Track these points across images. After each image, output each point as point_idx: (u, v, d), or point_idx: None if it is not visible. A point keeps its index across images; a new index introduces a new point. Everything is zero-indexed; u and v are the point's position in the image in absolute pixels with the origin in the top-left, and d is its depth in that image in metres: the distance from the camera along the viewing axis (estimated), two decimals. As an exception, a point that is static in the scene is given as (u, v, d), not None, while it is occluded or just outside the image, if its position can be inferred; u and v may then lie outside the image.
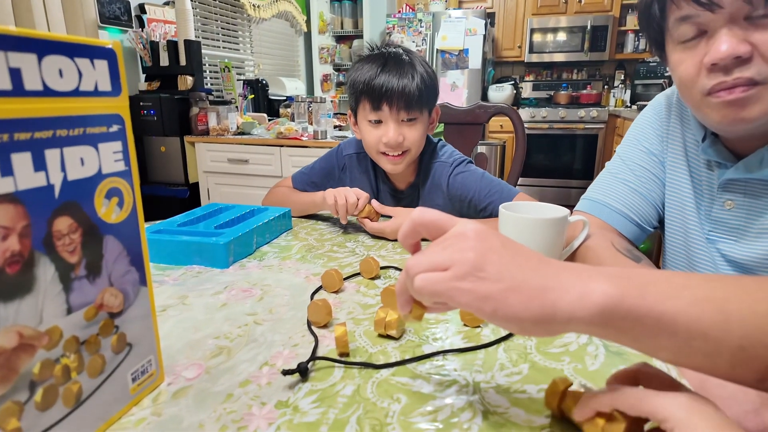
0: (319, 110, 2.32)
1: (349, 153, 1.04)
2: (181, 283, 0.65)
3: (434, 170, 0.96)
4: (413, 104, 0.87)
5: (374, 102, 0.88)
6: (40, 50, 0.29)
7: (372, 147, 0.92)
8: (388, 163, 0.92)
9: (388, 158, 0.92)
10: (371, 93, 0.87)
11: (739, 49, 0.49)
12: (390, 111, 0.88)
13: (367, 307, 0.58)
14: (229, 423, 0.37)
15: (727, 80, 0.51)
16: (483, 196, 0.90)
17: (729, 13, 0.49)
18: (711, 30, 0.51)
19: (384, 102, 0.87)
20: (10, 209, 0.28)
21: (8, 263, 0.28)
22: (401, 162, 0.92)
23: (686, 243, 0.66)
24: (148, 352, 0.41)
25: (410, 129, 0.90)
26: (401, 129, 0.89)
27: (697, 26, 0.52)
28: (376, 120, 0.90)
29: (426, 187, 0.97)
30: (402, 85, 0.86)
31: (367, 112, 0.90)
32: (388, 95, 0.86)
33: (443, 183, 0.95)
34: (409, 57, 0.90)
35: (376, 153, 0.93)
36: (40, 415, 0.31)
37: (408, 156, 0.92)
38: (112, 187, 0.35)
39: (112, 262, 0.36)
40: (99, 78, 0.34)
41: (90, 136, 0.33)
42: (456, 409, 0.39)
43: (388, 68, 0.87)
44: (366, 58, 0.91)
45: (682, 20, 0.53)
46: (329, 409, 0.39)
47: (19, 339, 0.29)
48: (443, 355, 0.47)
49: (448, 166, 0.95)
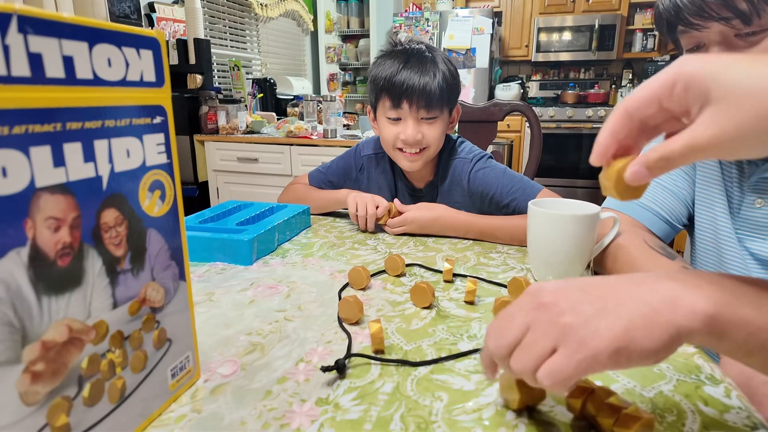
0: (328, 109, 2.31)
1: (367, 153, 1.02)
2: (206, 280, 0.64)
3: (454, 167, 0.95)
4: (434, 103, 0.86)
5: (394, 99, 0.86)
6: (91, 38, 0.29)
7: (389, 143, 0.91)
8: (405, 160, 0.91)
9: (405, 155, 0.90)
10: (391, 90, 0.86)
11: None
12: (410, 109, 0.86)
13: (396, 304, 0.57)
14: (271, 420, 0.37)
15: None
16: (505, 192, 0.88)
17: (718, 32, 0.53)
18: (707, 45, 0.55)
19: (404, 100, 0.86)
20: (61, 200, 0.27)
21: (60, 255, 0.28)
22: (419, 159, 0.91)
23: (716, 241, 0.65)
24: (186, 348, 0.40)
25: (430, 127, 0.89)
26: (420, 127, 0.88)
27: (695, 40, 0.56)
28: (395, 117, 0.89)
29: (445, 185, 0.96)
30: (423, 83, 0.84)
31: (386, 108, 0.89)
32: (409, 93, 0.85)
33: (464, 179, 0.93)
34: (431, 54, 0.88)
35: (393, 149, 0.92)
36: (87, 410, 0.30)
37: (426, 154, 0.90)
38: (155, 180, 0.35)
39: (154, 256, 0.35)
40: (144, 68, 0.33)
41: (136, 127, 0.33)
42: (500, 407, 0.38)
43: (410, 65, 0.85)
44: (388, 54, 0.90)
45: (682, 33, 0.57)
46: (371, 406, 0.38)
47: (69, 333, 0.29)
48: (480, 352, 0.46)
49: (468, 162, 0.94)
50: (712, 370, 0.43)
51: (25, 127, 0.25)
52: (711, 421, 0.36)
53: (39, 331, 0.27)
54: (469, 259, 0.73)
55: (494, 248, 0.79)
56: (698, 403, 0.38)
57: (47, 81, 0.26)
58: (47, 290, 0.27)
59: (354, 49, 4.31)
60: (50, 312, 0.27)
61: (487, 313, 0.54)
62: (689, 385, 0.41)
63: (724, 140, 0.26)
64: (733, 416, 0.37)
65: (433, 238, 0.84)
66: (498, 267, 0.70)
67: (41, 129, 0.26)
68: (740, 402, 0.39)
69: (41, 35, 0.26)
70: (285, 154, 2.28)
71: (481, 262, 0.72)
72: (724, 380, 0.42)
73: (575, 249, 0.59)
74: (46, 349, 0.27)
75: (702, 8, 0.52)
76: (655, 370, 0.43)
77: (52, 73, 0.26)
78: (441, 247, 0.79)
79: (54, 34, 0.26)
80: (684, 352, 0.46)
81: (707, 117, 0.26)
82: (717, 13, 0.51)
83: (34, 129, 0.25)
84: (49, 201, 0.27)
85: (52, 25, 0.26)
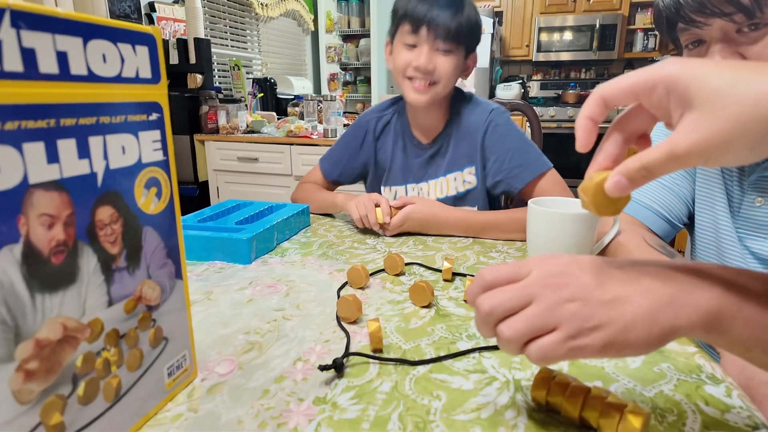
0: (328, 108, 2.31)
1: (370, 117, 1.01)
2: (204, 279, 0.64)
3: (470, 116, 0.92)
4: (452, 35, 0.84)
5: (414, 24, 0.84)
6: (86, 34, 0.28)
7: (400, 69, 0.88)
8: (413, 91, 0.87)
9: (414, 86, 0.87)
10: (413, 15, 0.84)
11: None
12: (427, 36, 0.84)
13: (395, 303, 0.57)
14: (268, 419, 0.36)
15: None
16: (516, 157, 0.87)
17: (719, 28, 0.52)
18: (708, 41, 0.54)
19: (423, 25, 0.83)
20: (55, 197, 0.27)
21: (53, 252, 0.27)
22: (426, 93, 0.87)
23: (717, 240, 0.65)
24: (183, 347, 0.40)
25: (444, 59, 0.85)
26: (434, 57, 0.85)
27: (695, 36, 0.55)
28: (411, 43, 0.86)
29: (459, 137, 0.93)
30: (446, 13, 0.83)
31: (404, 34, 0.86)
32: (429, 19, 0.83)
33: (479, 131, 0.90)
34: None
35: (402, 78, 0.88)
36: (82, 409, 0.30)
37: (434, 90, 0.87)
38: (151, 177, 0.35)
39: (150, 254, 0.35)
40: (140, 64, 0.33)
41: (131, 123, 0.32)
42: (500, 407, 0.38)
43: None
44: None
45: (682, 30, 0.56)
46: (368, 405, 0.38)
47: (63, 331, 0.28)
48: (479, 352, 0.46)
49: (486, 113, 0.91)
50: (713, 370, 0.43)
51: (18, 122, 0.25)
52: (712, 421, 0.36)
53: (33, 329, 0.27)
54: (468, 258, 0.73)
55: (494, 247, 0.79)
56: (699, 402, 0.38)
57: (41, 76, 0.26)
58: (41, 288, 0.27)
59: (354, 49, 4.30)
60: (44, 310, 0.27)
61: (487, 312, 0.54)
62: (690, 384, 0.41)
63: (705, 148, 0.25)
64: (734, 416, 0.37)
65: (433, 237, 0.84)
66: (498, 266, 0.69)
67: (35, 125, 0.26)
68: (741, 402, 0.38)
69: (35, 30, 0.25)
70: (285, 153, 2.28)
71: (480, 261, 0.72)
72: (725, 380, 0.41)
73: (575, 248, 0.59)
74: (39, 347, 0.27)
75: (704, 4, 0.51)
76: (655, 370, 0.43)
77: (45, 68, 0.26)
78: (441, 246, 0.79)
79: (48, 29, 0.26)
80: (684, 352, 0.46)
81: (688, 124, 0.25)
82: (719, 8, 0.51)
83: (27, 125, 0.25)
84: (43, 197, 0.26)
85: (45, 20, 0.26)
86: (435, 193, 0.95)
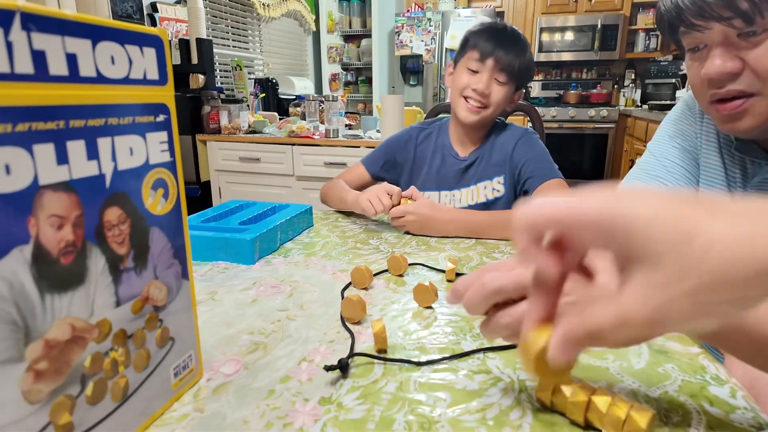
0: (330, 109, 2.31)
1: (415, 127, 1.12)
2: (208, 279, 0.64)
3: (503, 135, 1.04)
4: (511, 71, 0.96)
5: (483, 54, 0.96)
6: (95, 36, 0.29)
7: (459, 88, 0.99)
8: (466, 110, 0.99)
9: (467, 105, 0.98)
10: (485, 46, 0.96)
11: (727, 66, 0.52)
12: (491, 66, 0.96)
13: (399, 303, 0.57)
14: (273, 419, 0.37)
15: (720, 92, 0.54)
16: (534, 166, 0.98)
17: (720, 32, 0.52)
18: (709, 45, 0.54)
19: (491, 57, 0.95)
20: (64, 198, 0.27)
21: (62, 253, 0.28)
22: (478, 114, 0.98)
23: None
24: (189, 347, 0.40)
25: (499, 88, 0.98)
26: (492, 84, 0.97)
27: (697, 40, 0.55)
28: (474, 70, 0.98)
29: (491, 151, 1.04)
30: (513, 52, 0.96)
31: (470, 60, 0.98)
32: (498, 54, 0.95)
33: (511, 143, 1.02)
34: (524, 38, 1.00)
35: (458, 96, 1.00)
36: (90, 409, 0.30)
37: (484, 113, 0.98)
38: (158, 178, 0.35)
39: (157, 255, 0.35)
40: (147, 66, 0.33)
41: (139, 125, 0.33)
42: (505, 408, 0.38)
43: (506, 37, 0.97)
44: (491, 26, 1.01)
45: (684, 34, 0.56)
46: (374, 405, 0.38)
47: (72, 331, 0.29)
48: (484, 352, 0.46)
49: (522, 130, 1.04)
50: (717, 371, 0.43)
51: (28, 124, 0.25)
52: (716, 422, 0.36)
53: (42, 329, 0.27)
54: (472, 258, 0.73)
55: (497, 248, 0.79)
56: (704, 403, 0.38)
57: (50, 78, 0.26)
58: (50, 288, 0.27)
59: (356, 49, 4.31)
60: (53, 310, 0.27)
61: (491, 313, 0.54)
62: (694, 385, 0.41)
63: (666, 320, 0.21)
64: (738, 417, 0.37)
65: (436, 238, 0.84)
66: (501, 267, 0.69)
67: (44, 126, 0.26)
68: (746, 402, 0.38)
69: (44, 32, 0.25)
70: (287, 153, 2.28)
71: (484, 261, 0.72)
72: (730, 380, 0.41)
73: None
74: (49, 347, 0.27)
75: (703, 9, 0.52)
76: (659, 371, 0.43)
77: (55, 70, 0.26)
78: (444, 247, 0.79)
79: (57, 32, 0.26)
80: (688, 353, 0.46)
81: (644, 284, 0.21)
82: (718, 13, 0.51)
83: (37, 126, 0.25)
84: (53, 199, 0.27)
85: (55, 23, 0.26)
86: (466, 200, 1.04)
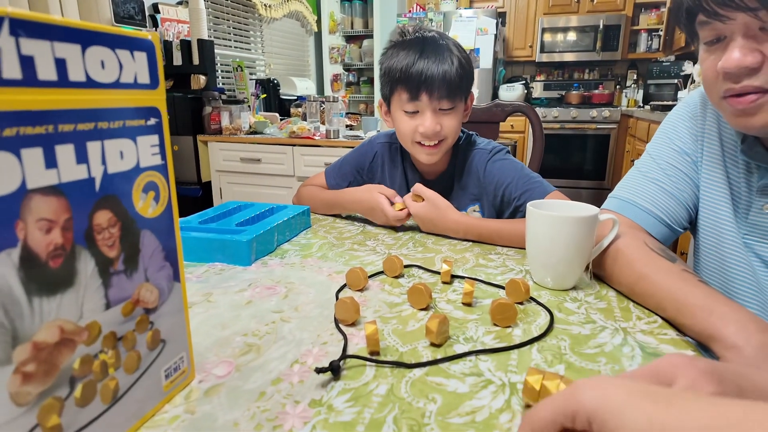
0: (331, 110, 2.32)
1: (381, 142, 1.03)
2: (204, 281, 0.64)
3: (471, 158, 0.94)
4: (453, 91, 0.85)
5: (412, 91, 0.84)
6: (84, 41, 0.29)
7: (407, 137, 0.90)
8: (424, 153, 0.89)
9: (424, 148, 0.89)
10: (409, 81, 0.84)
11: (747, 60, 0.50)
12: (429, 100, 0.84)
13: (393, 305, 0.57)
14: (263, 421, 0.37)
15: (736, 87, 0.52)
16: (520, 185, 0.88)
17: (742, 24, 0.50)
18: (729, 36, 0.52)
19: (423, 91, 0.84)
20: (53, 202, 0.28)
21: (51, 257, 0.28)
22: (437, 152, 0.89)
23: (719, 246, 0.65)
24: (181, 349, 0.40)
25: (448, 117, 0.87)
26: (439, 118, 0.86)
27: (716, 32, 0.53)
28: (412, 110, 0.87)
29: (462, 176, 0.95)
30: (442, 71, 0.82)
31: (403, 102, 0.87)
32: (428, 83, 0.83)
33: (480, 169, 0.92)
34: (445, 42, 0.86)
35: (411, 143, 0.90)
36: (80, 411, 0.31)
37: (443, 145, 0.89)
38: (149, 182, 0.35)
39: (148, 257, 0.36)
40: (138, 70, 0.33)
41: (129, 129, 0.33)
42: (494, 410, 0.38)
43: (426, 54, 0.83)
44: (401, 44, 0.87)
45: (703, 24, 0.54)
46: (364, 408, 0.38)
47: (60, 334, 0.29)
48: (476, 355, 0.46)
49: (486, 153, 0.93)
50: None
51: (16, 129, 0.25)
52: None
53: (30, 332, 0.27)
54: (468, 260, 0.73)
55: (493, 249, 0.79)
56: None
57: (39, 83, 0.26)
58: (39, 291, 0.27)
59: (358, 50, 4.31)
60: (42, 313, 0.28)
61: (484, 315, 0.54)
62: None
63: None
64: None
65: (433, 240, 0.84)
66: (497, 268, 0.70)
67: (33, 131, 0.26)
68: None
69: (33, 38, 0.26)
70: (288, 154, 2.28)
71: (480, 263, 0.72)
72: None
73: (574, 251, 0.59)
74: (37, 349, 0.28)
75: None
76: (651, 374, 0.43)
77: (44, 75, 0.26)
78: (440, 248, 0.79)
79: (46, 37, 0.26)
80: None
81: None
82: (745, 3, 0.48)
83: (25, 131, 0.26)
84: (41, 202, 0.27)
85: (44, 28, 0.26)
86: None
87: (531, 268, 0.65)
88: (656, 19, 3.92)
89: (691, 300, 0.50)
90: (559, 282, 0.61)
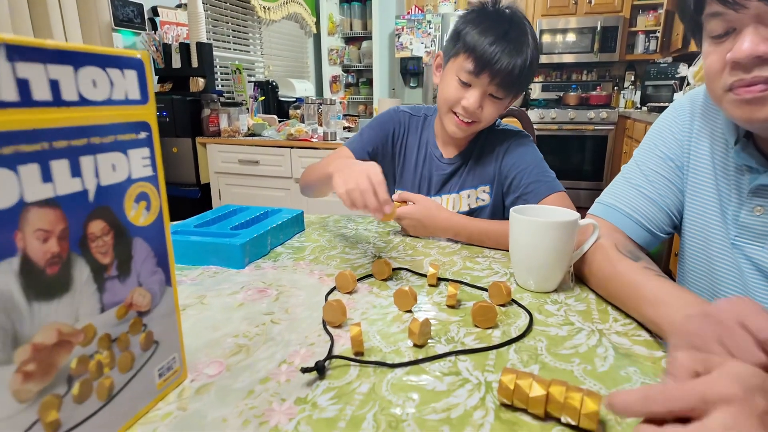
0: (328, 112, 2.34)
1: (404, 110, 1.02)
2: (198, 283, 0.67)
3: (493, 139, 0.95)
4: (512, 86, 0.85)
5: (477, 66, 0.82)
6: (76, 62, 0.31)
7: (447, 102, 0.89)
8: (454, 124, 0.89)
9: (456, 120, 0.89)
10: (479, 57, 0.82)
11: (759, 49, 0.49)
12: (488, 83, 0.84)
13: (380, 307, 0.59)
14: (251, 418, 0.39)
15: (746, 78, 0.51)
16: (534, 174, 0.89)
17: (756, 13, 0.49)
18: (739, 28, 0.51)
19: (486, 72, 0.82)
20: (49, 213, 0.30)
21: (48, 264, 0.30)
22: (467, 129, 0.89)
23: (706, 248, 0.66)
24: (173, 349, 0.42)
25: (492, 105, 0.87)
26: (484, 101, 0.86)
27: (726, 23, 0.52)
28: (466, 82, 0.85)
29: (481, 156, 0.95)
30: (512, 64, 0.81)
31: (462, 71, 0.85)
32: (495, 68, 0.81)
33: (501, 150, 0.93)
34: (528, 32, 0.84)
35: (446, 109, 0.90)
36: (77, 407, 0.33)
37: (474, 127, 0.89)
38: (141, 192, 0.37)
39: (140, 263, 0.38)
40: (129, 87, 0.35)
41: (120, 143, 0.35)
42: (469, 408, 0.40)
43: (508, 39, 0.81)
44: (489, 14, 0.85)
45: (712, 16, 0.53)
46: (346, 405, 0.40)
47: (58, 336, 0.31)
48: (456, 355, 0.48)
49: (511, 136, 0.94)
50: (678, 373, 0.45)
51: (14, 147, 0.27)
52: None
53: (29, 334, 0.29)
54: (455, 263, 0.75)
55: (480, 253, 0.81)
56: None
57: (34, 104, 0.28)
58: (37, 296, 0.29)
59: (357, 51, 4.33)
60: (40, 316, 0.30)
61: (467, 317, 0.56)
62: (653, 387, 0.43)
63: None
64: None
65: (423, 243, 0.86)
66: (482, 271, 0.72)
67: (29, 148, 0.28)
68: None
69: (28, 61, 0.28)
70: (285, 156, 2.31)
71: (466, 266, 0.74)
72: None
73: (555, 254, 0.61)
74: (36, 350, 0.30)
75: None
76: (622, 374, 0.45)
77: (39, 96, 0.28)
78: (429, 252, 0.81)
79: (40, 60, 0.28)
80: (652, 356, 0.48)
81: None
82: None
83: (22, 149, 0.28)
84: (38, 214, 0.29)
85: (38, 52, 0.28)
86: (447, 207, 0.97)
87: (515, 271, 0.67)
88: (654, 20, 3.94)
89: (645, 293, 0.53)
90: (541, 285, 0.63)
